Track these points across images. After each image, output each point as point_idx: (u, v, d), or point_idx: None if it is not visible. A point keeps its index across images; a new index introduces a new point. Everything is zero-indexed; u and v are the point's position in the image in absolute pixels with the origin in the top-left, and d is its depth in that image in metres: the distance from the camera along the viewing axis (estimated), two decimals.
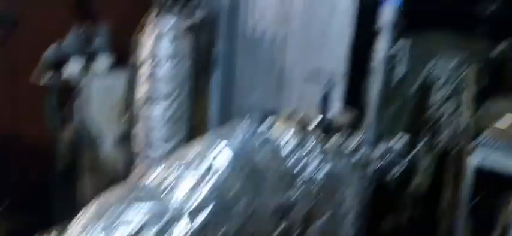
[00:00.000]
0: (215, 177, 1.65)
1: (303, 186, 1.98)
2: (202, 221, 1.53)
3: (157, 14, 3.73)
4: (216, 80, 4.38)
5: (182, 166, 1.69)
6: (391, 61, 2.67)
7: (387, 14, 2.32)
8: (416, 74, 3.23)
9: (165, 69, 3.75)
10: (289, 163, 1.99)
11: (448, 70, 3.14)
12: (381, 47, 2.37)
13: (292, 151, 2.03)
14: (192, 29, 3.83)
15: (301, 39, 3.54)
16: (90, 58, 4.25)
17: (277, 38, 3.74)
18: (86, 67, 4.20)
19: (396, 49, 2.52)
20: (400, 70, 3.17)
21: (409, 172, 2.79)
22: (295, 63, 3.63)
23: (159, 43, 3.69)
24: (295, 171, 1.99)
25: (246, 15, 4.02)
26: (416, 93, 3.18)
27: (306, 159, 2.04)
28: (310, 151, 2.07)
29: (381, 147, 2.28)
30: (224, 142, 1.78)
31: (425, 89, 3.15)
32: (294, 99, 3.66)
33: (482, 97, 3.26)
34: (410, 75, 3.29)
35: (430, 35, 3.78)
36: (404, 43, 2.77)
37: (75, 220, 1.45)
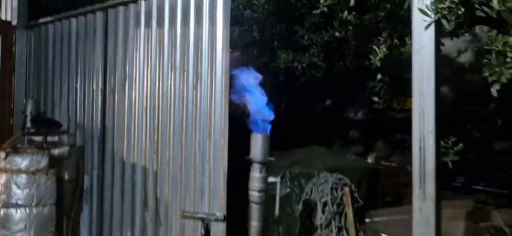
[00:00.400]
0: None
1: None
2: None
3: (9, 154, 3.25)
4: (85, 219, 3.88)
5: None
6: (270, 189, 2.57)
7: (258, 143, 2.23)
8: (298, 197, 3.18)
9: (19, 214, 3.20)
10: None
11: (327, 190, 3.12)
12: (255, 177, 2.24)
13: None
14: (53, 165, 3.39)
15: (177, 171, 3.30)
16: None
17: (151, 169, 3.46)
18: None
19: (274, 175, 2.42)
20: (281, 195, 3.09)
21: None
22: (171, 197, 3.34)
23: (11, 185, 3.18)
24: None
25: (118, 145, 3.71)
26: (301, 216, 3.09)
27: None
28: None
29: None
30: None
31: (309, 211, 3.08)
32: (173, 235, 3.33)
33: (363, 212, 3.28)
34: (292, 199, 3.23)
35: (300, 153, 3.85)
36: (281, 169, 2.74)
37: None
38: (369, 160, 4.07)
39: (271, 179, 2.30)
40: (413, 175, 2.15)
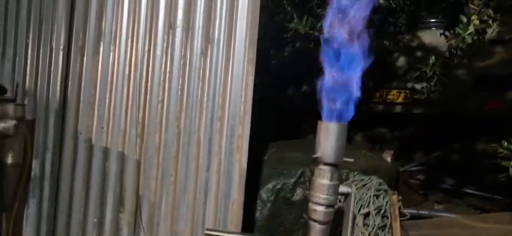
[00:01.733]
0: None
1: None
2: None
3: None
4: (31, 217, 2.96)
5: None
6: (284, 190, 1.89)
7: (331, 136, 1.53)
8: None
9: None
10: None
11: (368, 198, 2.47)
12: (323, 185, 1.55)
13: None
14: None
15: (169, 162, 2.50)
16: None
17: (132, 157, 2.62)
18: None
19: (346, 184, 1.75)
20: (297, 199, 2.42)
21: None
22: (159, 195, 2.54)
23: None
24: None
25: (84, 122, 2.83)
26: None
27: None
28: None
29: None
30: None
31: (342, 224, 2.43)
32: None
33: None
34: None
35: None
36: None
37: None
38: (388, 160, 3.50)
39: (342, 189, 1.61)
40: None
